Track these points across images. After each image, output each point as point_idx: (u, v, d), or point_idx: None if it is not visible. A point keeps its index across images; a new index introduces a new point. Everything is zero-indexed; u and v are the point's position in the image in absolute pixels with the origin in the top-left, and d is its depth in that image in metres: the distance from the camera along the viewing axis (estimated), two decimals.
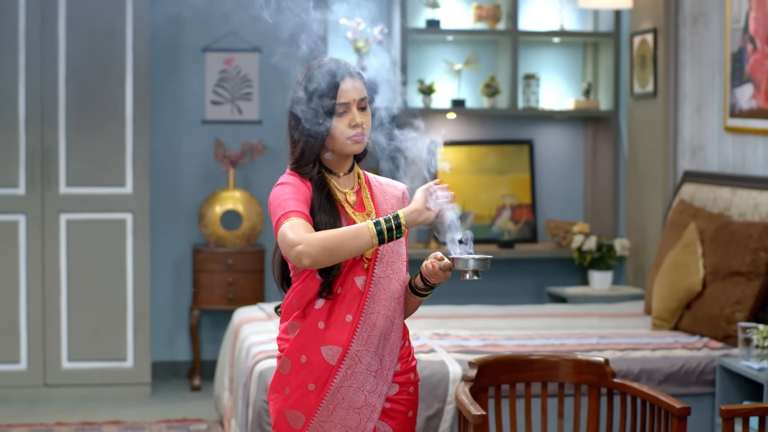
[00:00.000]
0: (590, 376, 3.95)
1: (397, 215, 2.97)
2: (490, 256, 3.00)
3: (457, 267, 3.00)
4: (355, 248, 2.96)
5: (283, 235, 2.96)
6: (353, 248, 2.96)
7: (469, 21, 7.45)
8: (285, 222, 2.98)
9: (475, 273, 2.97)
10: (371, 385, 3.10)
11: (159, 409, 6.68)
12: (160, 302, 7.42)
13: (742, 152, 5.95)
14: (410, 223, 2.98)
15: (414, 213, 2.98)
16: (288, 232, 2.96)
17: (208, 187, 7.43)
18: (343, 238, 2.95)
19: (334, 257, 2.96)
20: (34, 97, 6.79)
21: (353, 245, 2.95)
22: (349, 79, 3.07)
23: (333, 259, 2.96)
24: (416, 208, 2.98)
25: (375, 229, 2.95)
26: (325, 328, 3.09)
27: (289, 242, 2.94)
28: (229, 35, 7.36)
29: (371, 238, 2.95)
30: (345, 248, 2.95)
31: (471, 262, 2.97)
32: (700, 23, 6.42)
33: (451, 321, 5.96)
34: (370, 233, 2.95)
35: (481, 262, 2.98)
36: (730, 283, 5.42)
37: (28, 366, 6.87)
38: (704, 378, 5.12)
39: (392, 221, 2.96)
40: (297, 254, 2.93)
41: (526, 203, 7.59)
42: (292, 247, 2.93)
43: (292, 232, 2.95)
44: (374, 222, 2.96)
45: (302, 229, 2.96)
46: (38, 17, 6.76)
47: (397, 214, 2.97)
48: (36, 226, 6.84)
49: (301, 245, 2.92)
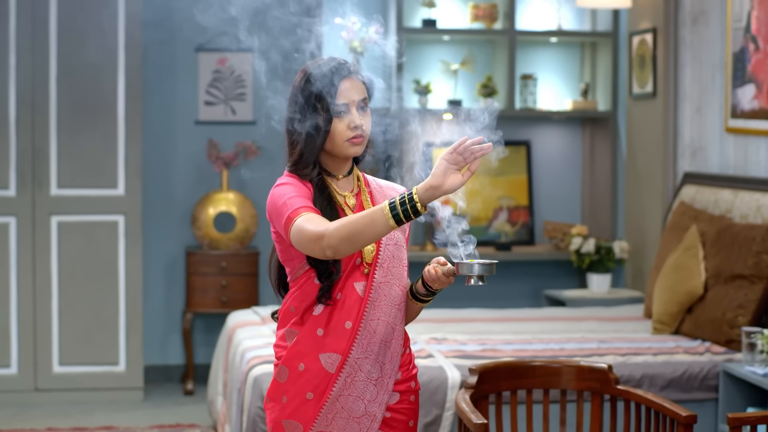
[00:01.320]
0: (593, 383, 3.87)
1: (411, 193, 2.76)
2: (496, 261, 2.89)
3: (461, 272, 2.88)
4: (373, 234, 2.78)
5: (301, 229, 2.83)
6: (371, 234, 2.78)
7: (465, 20, 7.40)
8: (298, 218, 2.85)
9: (480, 278, 2.87)
10: (371, 393, 3.01)
11: (151, 414, 6.62)
12: (153, 305, 7.36)
13: (744, 153, 5.88)
14: (426, 199, 2.74)
15: (430, 190, 2.73)
16: (307, 225, 2.82)
17: (202, 189, 7.36)
18: (361, 225, 2.77)
19: (355, 245, 2.79)
20: (25, 97, 6.71)
21: (371, 231, 2.77)
22: (349, 78, 2.99)
23: (353, 248, 2.80)
24: (432, 184, 2.73)
25: (390, 211, 2.76)
26: (324, 335, 3.00)
27: (312, 235, 2.80)
28: (223, 35, 7.29)
29: (387, 221, 2.76)
30: (364, 235, 2.78)
31: (476, 267, 2.86)
32: (700, 22, 6.35)
33: (448, 325, 5.89)
34: (386, 216, 2.76)
35: (487, 267, 2.87)
36: (732, 286, 5.35)
37: (18, 370, 6.80)
38: (707, 384, 5.04)
39: (407, 202, 2.75)
40: (321, 246, 2.79)
41: (523, 205, 7.53)
42: (317, 239, 2.79)
43: (312, 224, 2.81)
44: (389, 202, 2.77)
45: (319, 220, 2.84)
46: (29, 16, 6.69)
47: (411, 192, 2.76)
48: (26, 228, 6.77)
49: (325, 237, 2.78)
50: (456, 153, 2.75)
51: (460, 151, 2.75)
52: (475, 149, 2.76)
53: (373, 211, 2.78)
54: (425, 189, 2.74)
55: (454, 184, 2.75)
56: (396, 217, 2.75)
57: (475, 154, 2.76)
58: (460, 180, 2.76)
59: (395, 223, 2.76)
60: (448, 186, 2.74)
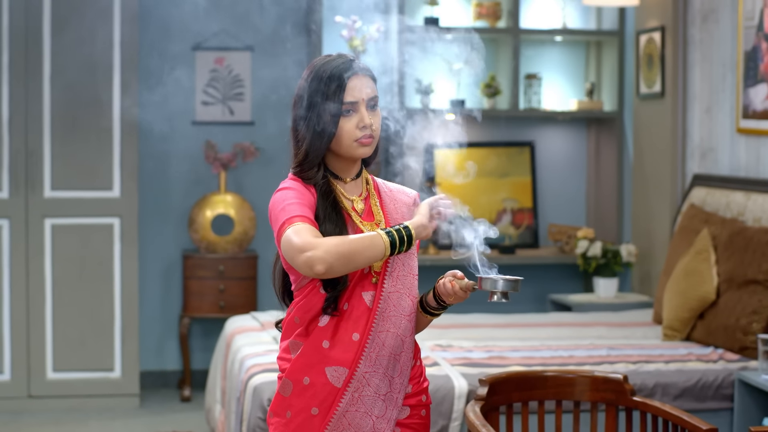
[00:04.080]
0: (608, 394, 3.72)
1: (407, 227, 2.78)
2: (521, 278, 2.75)
3: (484, 287, 2.73)
4: (369, 258, 2.74)
5: (288, 240, 2.72)
6: (367, 258, 2.73)
7: (468, 19, 7.31)
8: (289, 227, 2.73)
9: (504, 295, 2.71)
10: (380, 409, 2.86)
11: (148, 421, 6.54)
12: (149, 310, 7.27)
13: (756, 155, 5.75)
14: (417, 235, 2.80)
15: (420, 228, 2.81)
16: (293, 237, 2.71)
17: (199, 191, 7.26)
18: (359, 246, 2.71)
19: (349, 266, 2.71)
20: (18, 97, 6.60)
21: (368, 255, 2.73)
22: (358, 76, 2.84)
23: (347, 268, 2.72)
24: (422, 222, 2.82)
25: (388, 239, 2.74)
26: (330, 347, 2.84)
27: (296, 247, 2.69)
28: (220, 33, 7.19)
29: (384, 249, 2.74)
30: (360, 257, 2.72)
31: (501, 283, 2.71)
32: (710, 21, 6.22)
33: (452, 331, 5.75)
34: (384, 243, 2.74)
35: (512, 284, 2.71)
36: (746, 292, 5.22)
37: (11, 376, 6.70)
38: (722, 392, 4.90)
39: (403, 232, 2.77)
40: (306, 260, 2.68)
41: (527, 207, 7.42)
42: (300, 252, 2.68)
43: (298, 237, 2.70)
44: (386, 231, 2.74)
45: (309, 233, 2.71)
46: (22, 15, 6.58)
47: (406, 226, 2.78)
48: (20, 231, 6.66)
49: (312, 251, 2.67)
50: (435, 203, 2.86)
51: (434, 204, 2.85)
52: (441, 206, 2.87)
53: (372, 236, 2.77)
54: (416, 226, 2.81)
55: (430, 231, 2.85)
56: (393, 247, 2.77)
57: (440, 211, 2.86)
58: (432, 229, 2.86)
59: (390, 253, 2.77)
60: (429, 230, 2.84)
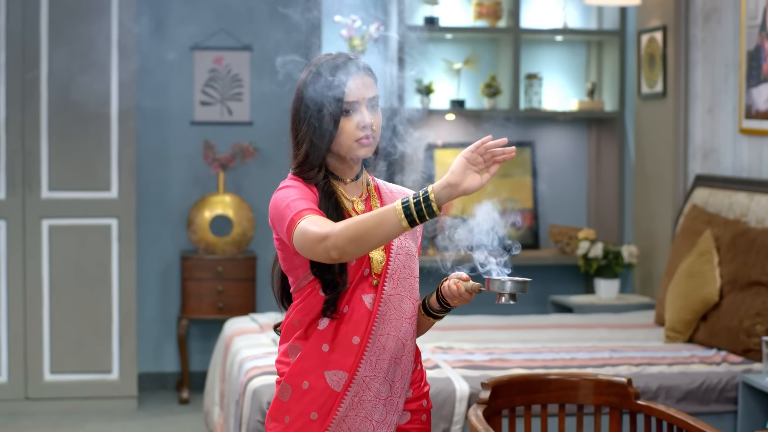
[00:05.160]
0: (612, 397, 3.67)
1: (426, 191, 2.56)
2: (529, 279, 2.68)
3: (492, 289, 2.65)
4: (384, 234, 2.57)
5: (304, 231, 2.62)
6: (382, 235, 2.57)
7: (469, 18, 7.26)
8: (301, 220, 2.65)
9: (512, 297, 2.64)
10: (380, 414, 2.81)
11: (146, 424, 6.50)
12: (147, 311, 7.23)
13: (759, 155, 5.70)
14: (443, 199, 2.55)
15: (447, 188, 2.55)
16: (310, 227, 2.61)
17: (197, 192, 7.23)
18: (369, 225, 2.56)
19: (362, 247, 2.58)
20: (15, 97, 6.56)
21: (381, 231, 2.56)
22: (359, 75, 2.78)
23: (361, 250, 2.58)
24: (450, 182, 2.54)
25: (401, 209, 2.55)
26: (330, 351, 2.79)
27: (316, 237, 2.59)
28: (219, 33, 7.16)
29: (399, 221, 2.56)
30: (373, 236, 2.56)
31: (509, 285, 2.63)
32: (713, 20, 6.18)
33: (453, 333, 5.71)
34: (398, 216, 2.56)
35: (520, 285, 2.64)
36: (749, 293, 5.17)
37: (8, 378, 6.66)
38: (725, 395, 4.85)
39: (421, 201, 2.55)
40: (325, 248, 2.58)
41: (527, 208, 7.38)
42: (321, 241, 2.58)
43: (316, 226, 2.61)
44: (402, 201, 2.57)
45: (324, 221, 2.64)
46: (19, 15, 6.53)
47: (426, 190, 2.56)
48: (17, 232, 6.62)
49: (330, 238, 2.58)
50: (476, 152, 2.57)
51: (480, 152, 2.57)
52: (496, 152, 2.57)
53: (384, 210, 2.57)
54: (442, 187, 2.55)
55: (472, 185, 2.56)
56: (409, 217, 2.55)
57: (496, 156, 2.57)
58: (479, 181, 2.57)
59: (408, 224, 2.55)
60: (466, 186, 2.56)
